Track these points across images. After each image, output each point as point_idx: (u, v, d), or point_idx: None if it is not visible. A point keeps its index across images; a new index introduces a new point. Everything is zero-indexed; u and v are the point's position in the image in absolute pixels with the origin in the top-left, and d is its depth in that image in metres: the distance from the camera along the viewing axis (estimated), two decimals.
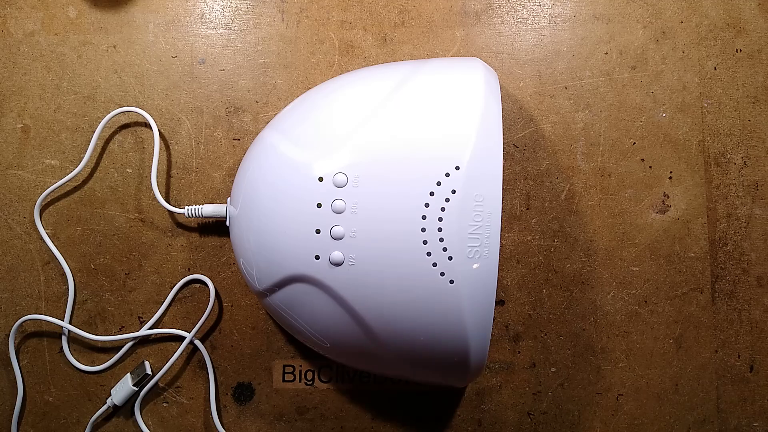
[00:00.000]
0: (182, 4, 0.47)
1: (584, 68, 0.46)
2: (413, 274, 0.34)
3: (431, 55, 0.47)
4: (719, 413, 0.45)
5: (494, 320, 0.45)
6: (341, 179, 0.34)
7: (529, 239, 0.45)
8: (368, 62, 0.47)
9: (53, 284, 0.46)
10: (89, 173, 0.46)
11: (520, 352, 0.45)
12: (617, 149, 0.46)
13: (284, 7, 0.47)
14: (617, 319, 0.45)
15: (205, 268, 0.46)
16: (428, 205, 0.33)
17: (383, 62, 0.46)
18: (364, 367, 0.43)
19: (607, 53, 0.46)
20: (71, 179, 0.45)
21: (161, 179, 0.46)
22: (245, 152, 0.41)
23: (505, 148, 0.46)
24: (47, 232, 0.46)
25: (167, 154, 0.46)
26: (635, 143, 0.46)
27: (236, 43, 0.47)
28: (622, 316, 0.45)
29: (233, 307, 0.46)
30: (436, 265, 0.33)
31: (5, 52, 0.47)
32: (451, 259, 0.33)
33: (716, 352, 0.45)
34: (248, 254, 0.37)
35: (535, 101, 0.46)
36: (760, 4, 0.46)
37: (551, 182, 0.46)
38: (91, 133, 0.46)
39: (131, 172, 0.46)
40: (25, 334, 0.46)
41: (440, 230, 0.33)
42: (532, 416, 0.45)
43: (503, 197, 0.42)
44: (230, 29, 0.47)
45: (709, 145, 0.46)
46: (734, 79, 0.46)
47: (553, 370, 0.45)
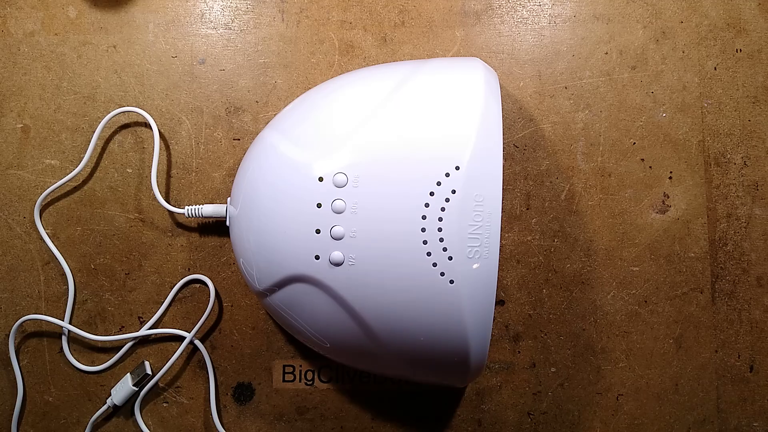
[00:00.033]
0: (182, 4, 0.47)
1: (584, 68, 0.46)
2: (413, 274, 0.33)
3: (431, 55, 0.47)
4: (719, 413, 0.45)
5: (494, 320, 0.45)
6: (341, 179, 0.34)
7: (529, 239, 0.45)
8: (368, 62, 0.47)
9: (53, 284, 0.46)
10: (89, 173, 0.46)
11: (520, 352, 0.45)
12: (617, 149, 0.46)
13: (284, 7, 0.47)
14: (617, 319, 0.45)
15: (205, 268, 0.46)
16: (428, 205, 0.33)
17: (383, 62, 0.46)
18: (364, 367, 0.43)
19: (607, 53, 0.46)
20: (71, 179, 0.45)
21: (161, 179, 0.46)
22: (245, 152, 0.41)
23: (505, 148, 0.46)
24: (47, 232, 0.46)
25: (167, 154, 0.46)
26: (635, 143, 0.46)
27: (236, 43, 0.47)
28: (622, 316, 0.45)
29: (233, 307, 0.46)
30: (436, 265, 0.33)
31: (5, 52, 0.47)
32: (451, 259, 0.33)
33: (716, 352, 0.45)
34: (248, 254, 0.37)
35: (535, 101, 0.46)
36: (760, 4, 0.46)
37: (551, 182, 0.46)
38: (91, 133, 0.46)
39: (131, 172, 0.46)
40: (25, 334, 0.46)
41: (440, 230, 0.33)
42: (532, 416, 0.45)
43: (503, 197, 0.42)
44: (230, 29, 0.47)
45: (709, 145, 0.46)
46: (734, 79, 0.46)
47: (553, 370, 0.45)
